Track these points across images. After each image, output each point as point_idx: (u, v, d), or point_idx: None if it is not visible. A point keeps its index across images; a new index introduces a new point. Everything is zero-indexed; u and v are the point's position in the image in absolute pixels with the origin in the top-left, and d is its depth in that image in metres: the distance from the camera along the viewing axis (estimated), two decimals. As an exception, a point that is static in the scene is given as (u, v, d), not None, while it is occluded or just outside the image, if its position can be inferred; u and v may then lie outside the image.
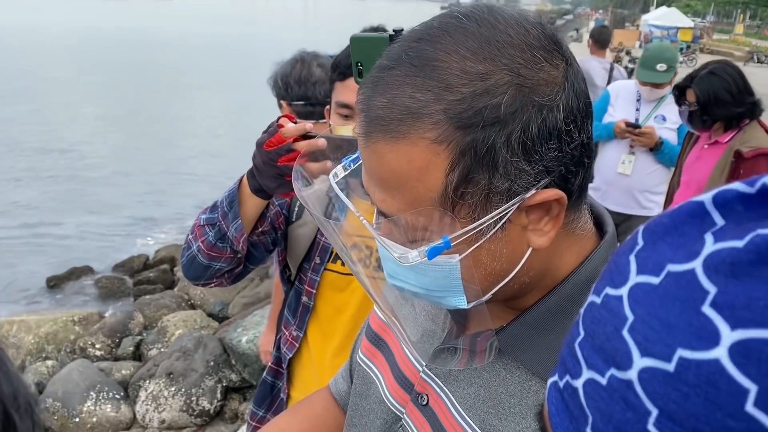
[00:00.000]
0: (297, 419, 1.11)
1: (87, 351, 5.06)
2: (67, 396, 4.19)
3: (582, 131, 0.69)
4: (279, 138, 1.33)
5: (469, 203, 0.67)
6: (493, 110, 0.63)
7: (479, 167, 0.65)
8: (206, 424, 4.22)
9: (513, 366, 0.78)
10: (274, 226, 1.59)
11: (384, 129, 0.67)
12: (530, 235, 0.71)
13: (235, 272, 1.54)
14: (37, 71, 26.63)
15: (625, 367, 0.33)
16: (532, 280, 0.75)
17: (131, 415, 4.28)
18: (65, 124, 17.86)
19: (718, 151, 3.10)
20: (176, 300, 6.05)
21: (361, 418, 0.98)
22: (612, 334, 0.35)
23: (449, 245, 0.68)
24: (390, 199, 0.70)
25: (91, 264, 8.49)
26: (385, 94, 0.67)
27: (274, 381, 1.76)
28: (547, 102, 0.65)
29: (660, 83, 3.73)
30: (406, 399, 0.89)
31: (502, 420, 0.76)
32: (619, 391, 0.33)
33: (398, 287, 0.77)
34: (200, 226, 1.49)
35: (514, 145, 0.65)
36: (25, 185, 12.20)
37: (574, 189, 0.71)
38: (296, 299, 1.68)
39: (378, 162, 0.69)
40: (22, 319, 5.39)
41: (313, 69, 2.25)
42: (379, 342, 1.00)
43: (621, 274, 0.37)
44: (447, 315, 0.88)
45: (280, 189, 1.38)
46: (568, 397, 0.38)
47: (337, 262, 1.62)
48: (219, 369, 4.33)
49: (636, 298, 0.34)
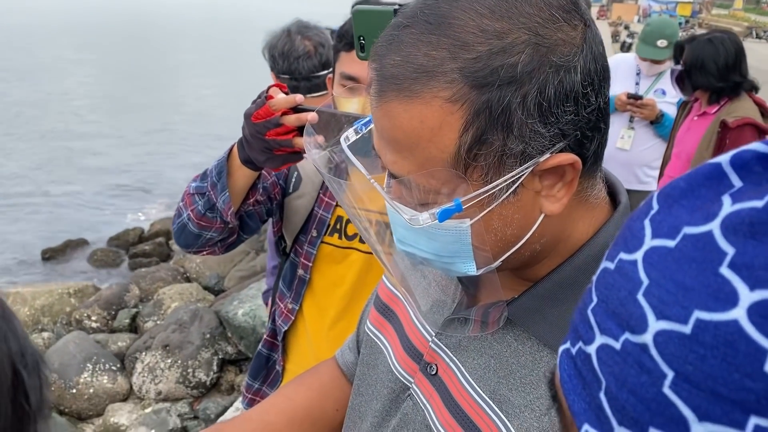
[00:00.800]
0: (303, 388, 1.11)
1: (83, 323, 5.07)
2: (63, 368, 4.20)
3: (599, 95, 0.68)
4: (267, 110, 1.27)
5: (482, 165, 0.65)
6: (510, 69, 0.62)
7: (494, 128, 0.64)
8: (202, 396, 4.25)
9: (524, 337, 0.77)
10: (270, 196, 1.56)
11: (397, 88, 0.65)
12: (543, 201, 0.69)
13: (228, 241, 1.52)
14: (30, 47, 26.32)
15: (639, 330, 0.33)
16: (543, 248, 0.74)
17: (128, 386, 4.30)
18: (55, 95, 17.69)
19: (707, 122, 3.12)
20: (172, 273, 6.06)
21: (368, 388, 0.97)
22: (626, 298, 0.34)
23: (461, 208, 0.67)
24: (401, 161, 0.68)
25: (85, 236, 8.48)
26: (399, 53, 0.65)
27: (270, 353, 1.75)
28: (564, 63, 0.64)
29: (660, 59, 3.70)
30: (414, 369, 0.89)
31: (512, 390, 0.76)
32: (633, 355, 0.33)
33: (408, 253, 0.76)
34: (190, 194, 1.46)
35: (530, 106, 0.63)
36: (12, 153, 12.12)
37: (589, 155, 0.69)
38: (291, 271, 1.66)
39: (390, 122, 0.67)
40: (18, 291, 5.39)
41: (296, 43, 2.18)
42: (388, 312, 0.99)
43: (635, 239, 0.36)
44: (457, 286, 0.87)
45: (268, 163, 1.33)
46: (580, 363, 0.37)
47: (334, 236, 1.60)
48: (215, 341, 4.35)
49: (651, 261, 0.34)
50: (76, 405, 4.14)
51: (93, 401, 4.17)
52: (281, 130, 1.26)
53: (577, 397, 0.37)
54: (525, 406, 0.74)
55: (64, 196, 10.17)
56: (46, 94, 17.70)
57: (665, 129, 3.65)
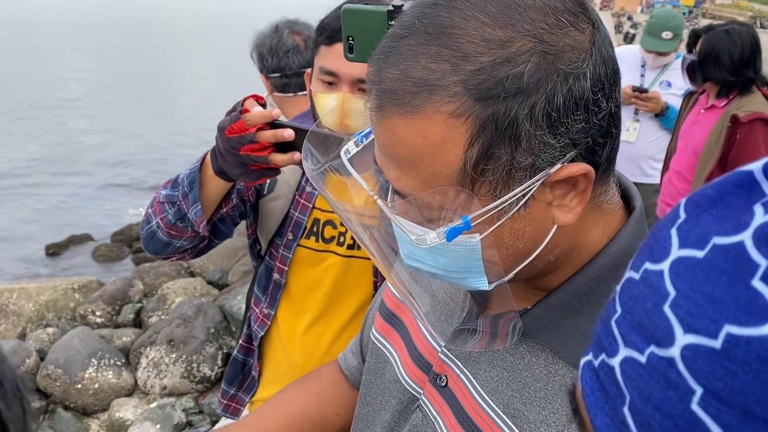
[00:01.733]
0: (303, 393, 1.09)
1: (87, 318, 5.07)
2: (68, 363, 4.21)
3: (610, 100, 0.64)
4: (241, 125, 1.20)
5: (490, 180, 0.62)
6: (515, 80, 0.59)
7: (501, 142, 0.61)
8: (207, 390, 4.26)
9: (538, 349, 0.74)
10: (243, 199, 1.51)
11: (397, 103, 0.62)
12: (555, 212, 0.66)
13: (198, 248, 1.47)
14: (34, 41, 26.29)
15: (666, 344, 0.31)
16: (557, 259, 0.71)
17: (133, 381, 4.31)
18: (57, 88, 17.67)
19: (715, 116, 3.06)
20: (176, 268, 6.06)
21: (375, 397, 0.95)
22: (652, 310, 0.33)
23: (469, 226, 0.64)
24: (405, 177, 0.65)
25: (88, 231, 8.49)
26: (397, 66, 0.62)
27: (246, 358, 1.71)
28: (573, 70, 0.61)
29: (665, 51, 3.67)
30: (423, 379, 0.86)
31: (527, 404, 0.73)
32: (659, 369, 0.32)
33: (415, 268, 0.73)
34: (160, 202, 1.40)
35: (538, 117, 0.60)
36: (15, 149, 12.12)
37: (601, 161, 0.66)
38: (266, 275, 1.62)
39: (391, 138, 0.64)
40: (22, 286, 5.40)
41: (284, 37, 2.11)
42: (394, 319, 0.96)
43: (661, 249, 0.35)
44: (467, 294, 0.85)
45: (243, 177, 1.26)
46: (603, 376, 0.36)
47: (311, 239, 1.55)
48: (219, 336, 4.35)
49: (678, 272, 0.32)
50: (81, 400, 4.15)
51: (98, 396, 4.17)
52: (256, 146, 1.20)
53: (600, 411, 0.36)
54: (540, 421, 0.72)
55: (66, 192, 10.17)
56: (48, 89, 17.69)
57: (670, 122, 3.62)
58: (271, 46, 2.11)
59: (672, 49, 3.67)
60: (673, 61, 3.76)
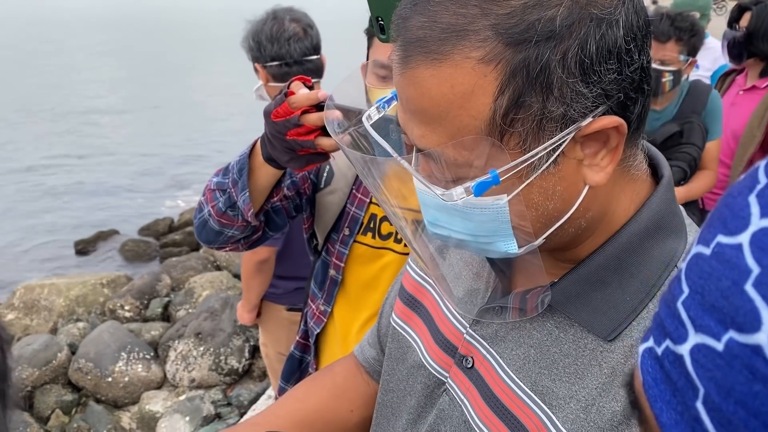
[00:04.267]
0: (315, 389, 1.06)
1: (116, 313, 5.14)
2: (99, 357, 4.26)
3: (642, 52, 0.62)
4: (286, 108, 1.15)
5: (520, 132, 0.60)
6: (548, 24, 0.57)
7: (532, 89, 0.58)
8: (235, 383, 4.29)
9: (566, 324, 0.72)
10: (299, 191, 1.47)
11: (424, 51, 0.60)
12: (586, 171, 0.64)
13: (252, 239, 1.43)
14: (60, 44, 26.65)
15: (750, 329, 0.27)
16: (589, 224, 0.68)
17: (162, 374, 4.36)
18: (86, 88, 17.92)
19: (757, 97, 2.96)
20: (202, 262, 6.10)
21: (398, 383, 0.93)
22: (730, 289, 0.29)
23: (498, 180, 0.61)
24: (430, 134, 0.62)
25: (116, 227, 8.59)
26: (425, 13, 0.60)
27: (302, 355, 1.69)
28: (606, 15, 0.58)
29: (693, 31, 3.58)
30: (449, 362, 0.84)
31: (556, 381, 0.71)
32: (741, 358, 0.28)
33: (441, 236, 0.70)
34: (211, 190, 1.38)
35: (570, 63, 0.58)
36: (47, 145, 12.31)
37: (633, 118, 0.64)
38: (323, 271, 1.58)
39: (417, 90, 0.61)
40: (53, 282, 5.48)
41: (285, 24, 2.04)
42: (415, 303, 0.94)
43: (738, 219, 0.30)
44: (491, 272, 0.82)
45: (292, 163, 1.22)
46: (669, 365, 0.32)
47: (368, 235, 1.51)
48: (246, 328, 4.37)
49: (762, 245, 0.28)
50: (112, 393, 4.21)
51: (128, 389, 4.23)
52: (302, 130, 1.15)
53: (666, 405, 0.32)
54: (570, 396, 0.70)
55: (93, 187, 10.31)
56: (75, 86, 17.93)
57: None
58: (271, 33, 2.04)
59: (699, 29, 3.58)
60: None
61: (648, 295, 0.69)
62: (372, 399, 1.03)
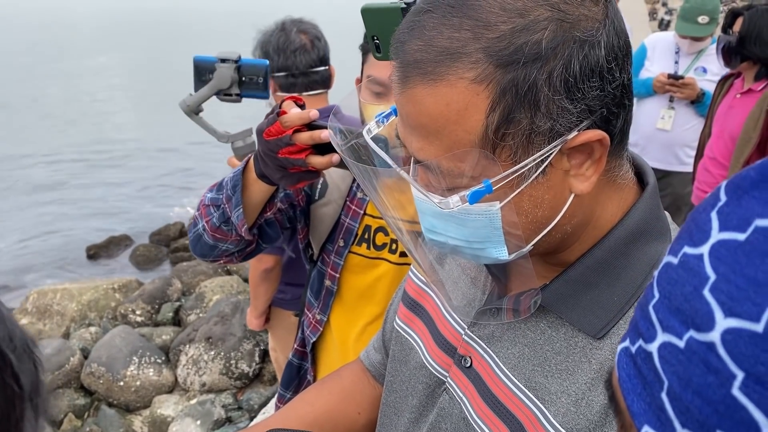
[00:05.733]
0: (324, 392, 1.10)
1: (128, 317, 5.18)
2: (110, 361, 4.30)
3: (623, 71, 0.67)
4: (278, 127, 1.17)
5: (510, 145, 0.65)
6: (534, 46, 0.62)
7: (521, 106, 0.63)
8: (246, 387, 4.31)
9: (558, 323, 0.77)
10: (292, 203, 1.49)
11: (421, 72, 0.65)
12: (572, 181, 0.69)
13: (245, 251, 1.45)
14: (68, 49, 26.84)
15: (706, 328, 0.31)
16: (574, 230, 0.73)
17: (173, 378, 4.39)
18: (95, 93, 18.02)
19: (752, 100, 2.99)
20: (212, 266, 6.14)
21: (401, 384, 0.97)
22: (691, 294, 0.32)
23: (491, 189, 0.66)
24: (428, 147, 0.68)
25: (127, 232, 8.66)
26: (421, 37, 0.65)
27: (301, 363, 1.70)
28: (588, 38, 0.63)
29: (701, 36, 3.58)
30: (449, 363, 0.88)
31: (548, 377, 0.75)
32: (699, 354, 0.31)
33: (437, 242, 0.75)
34: (205, 205, 1.39)
35: (555, 82, 0.63)
36: (56, 155, 12.40)
37: (615, 132, 0.69)
38: (319, 281, 1.60)
39: (415, 107, 0.67)
40: (65, 287, 5.54)
41: (292, 36, 2.08)
42: (417, 307, 0.99)
43: (701, 232, 0.34)
44: (487, 277, 0.87)
45: (283, 181, 1.24)
46: (641, 362, 0.36)
47: (362, 245, 1.53)
48: (256, 333, 4.40)
49: (718, 255, 0.32)
50: (123, 397, 4.25)
51: (140, 393, 4.26)
52: (293, 148, 1.17)
53: (637, 397, 0.35)
54: (561, 392, 0.74)
55: (104, 194, 10.38)
56: (83, 92, 18.07)
57: (706, 108, 3.54)
58: (278, 44, 2.08)
59: (708, 33, 3.58)
60: (709, 46, 3.67)
61: (634, 295, 0.73)
62: (378, 401, 1.06)
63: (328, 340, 1.64)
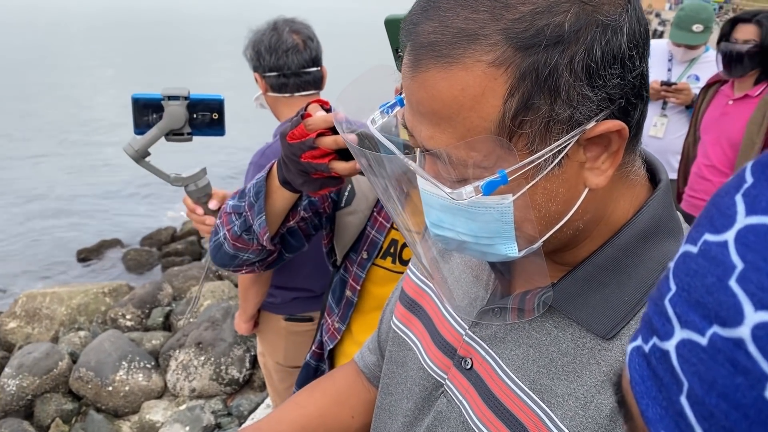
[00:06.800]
0: (317, 395, 1.07)
1: (118, 322, 5.14)
2: (99, 365, 4.26)
3: (642, 60, 0.64)
4: (302, 130, 1.14)
5: (528, 133, 0.62)
6: (556, 29, 0.59)
7: (540, 92, 0.60)
8: (236, 393, 4.28)
9: (565, 324, 0.73)
10: (317, 211, 1.44)
11: (435, 55, 0.61)
12: (587, 174, 0.66)
13: (267, 261, 1.41)
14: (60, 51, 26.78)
15: (733, 323, 0.28)
16: (586, 226, 0.70)
17: (162, 383, 4.35)
18: (87, 97, 17.98)
19: (750, 106, 3.01)
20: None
21: (397, 386, 0.94)
22: (714, 285, 0.29)
23: (506, 180, 0.63)
24: (439, 135, 0.64)
25: (118, 236, 8.61)
26: (435, 18, 0.62)
27: (318, 364, 1.68)
28: (611, 22, 0.61)
29: (695, 44, 3.59)
30: (448, 364, 0.85)
31: (554, 380, 0.72)
32: (724, 352, 0.28)
33: (443, 237, 0.71)
34: (227, 213, 1.36)
35: (577, 67, 0.60)
36: (46, 158, 12.35)
37: (633, 124, 0.66)
38: (341, 288, 1.57)
39: (428, 93, 0.63)
40: (54, 291, 5.49)
41: (284, 35, 2.04)
42: (415, 307, 0.95)
43: (724, 217, 0.31)
44: (490, 274, 0.84)
45: (305, 186, 1.20)
46: (656, 362, 0.32)
47: (387, 259, 1.49)
48: (247, 338, 4.37)
49: (746, 242, 0.29)
50: (112, 402, 4.20)
51: (129, 398, 4.22)
52: (317, 152, 1.13)
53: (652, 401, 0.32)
54: (569, 394, 0.71)
55: (95, 197, 10.33)
56: (74, 93, 18.02)
57: (699, 115, 3.56)
58: (269, 44, 2.05)
59: (702, 42, 3.60)
60: (702, 54, 3.69)
61: (646, 295, 0.70)
62: (372, 404, 1.04)
63: (346, 346, 1.61)
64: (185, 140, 1.58)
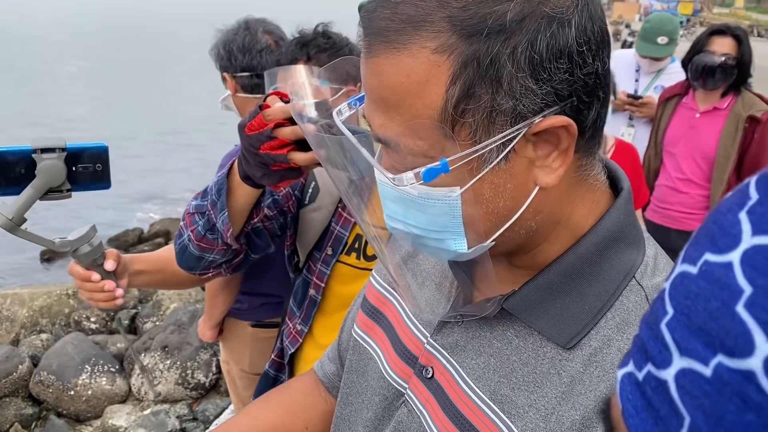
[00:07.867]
0: (271, 406, 1.05)
1: (82, 324, 5.04)
2: (61, 369, 4.17)
3: (596, 58, 0.64)
4: (260, 121, 1.13)
5: (470, 122, 0.62)
6: (499, 18, 0.59)
7: (482, 81, 0.60)
8: (201, 397, 4.23)
9: (526, 332, 0.73)
10: (282, 210, 1.43)
11: (385, 40, 0.63)
12: (537, 172, 0.66)
13: (233, 263, 1.40)
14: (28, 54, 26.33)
15: (742, 353, 0.25)
16: (541, 227, 0.70)
17: (126, 388, 4.28)
18: (57, 101, 17.70)
19: (720, 118, 3.07)
20: (171, 274, 6.02)
21: (357, 396, 0.92)
22: (719, 310, 0.27)
23: (447, 168, 0.63)
24: (389, 122, 0.65)
25: (85, 237, 8.45)
26: (387, 6, 0.63)
27: (277, 374, 1.65)
28: (557, 14, 0.61)
29: (660, 56, 3.66)
30: (409, 373, 0.84)
31: (515, 390, 0.72)
32: (732, 385, 0.26)
33: (397, 230, 0.72)
34: (190, 213, 1.35)
35: (520, 58, 0.60)
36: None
37: (587, 124, 0.66)
38: (303, 290, 1.55)
39: (377, 79, 0.64)
40: (16, 292, 5.36)
41: (258, 36, 2.03)
42: (377, 314, 0.94)
43: (728, 236, 0.29)
44: (453, 282, 0.84)
45: (265, 179, 1.19)
46: (651, 392, 0.30)
47: (351, 255, 1.48)
48: (214, 343, 4.32)
49: (754, 264, 0.26)
50: (74, 407, 4.12)
51: (91, 403, 4.14)
52: (275, 143, 1.13)
53: None
54: (529, 405, 0.70)
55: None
56: (46, 97, 17.71)
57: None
58: (243, 43, 2.02)
59: (668, 54, 3.67)
60: (668, 65, 3.76)
61: (606, 304, 0.70)
62: (329, 415, 1.02)
63: (307, 351, 1.58)
64: (64, 197, 1.36)
